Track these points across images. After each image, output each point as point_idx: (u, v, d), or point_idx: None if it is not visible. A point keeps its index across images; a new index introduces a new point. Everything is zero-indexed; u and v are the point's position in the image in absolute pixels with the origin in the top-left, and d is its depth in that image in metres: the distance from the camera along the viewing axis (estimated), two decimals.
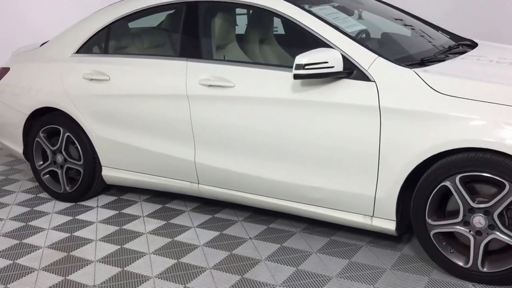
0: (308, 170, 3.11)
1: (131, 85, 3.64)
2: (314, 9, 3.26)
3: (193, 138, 3.46)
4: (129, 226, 3.71)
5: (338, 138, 2.96)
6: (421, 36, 3.60)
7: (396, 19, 3.75)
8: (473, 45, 3.61)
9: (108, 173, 3.95)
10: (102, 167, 3.97)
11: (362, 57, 2.93)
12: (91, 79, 3.80)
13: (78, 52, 3.97)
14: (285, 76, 3.10)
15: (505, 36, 4.72)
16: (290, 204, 3.28)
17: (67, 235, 3.63)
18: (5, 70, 4.36)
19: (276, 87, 3.11)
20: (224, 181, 3.45)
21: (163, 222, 3.74)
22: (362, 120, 2.87)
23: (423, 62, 3.02)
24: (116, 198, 4.22)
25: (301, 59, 2.86)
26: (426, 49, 3.36)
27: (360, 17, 3.77)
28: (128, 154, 3.77)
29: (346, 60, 2.92)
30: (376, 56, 2.92)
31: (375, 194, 2.94)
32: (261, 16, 3.71)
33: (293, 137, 3.09)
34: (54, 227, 3.76)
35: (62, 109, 3.96)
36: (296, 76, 2.89)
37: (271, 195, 3.32)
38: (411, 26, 3.70)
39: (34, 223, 3.85)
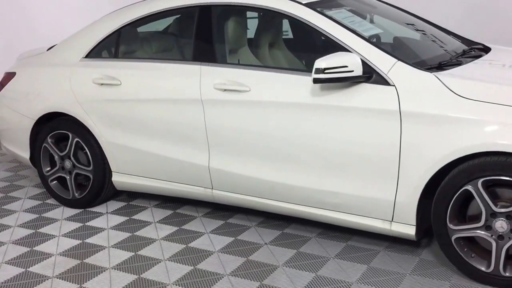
0: (326, 175, 3.09)
1: (143, 89, 3.60)
2: (330, 13, 3.25)
3: (207, 143, 3.42)
4: (141, 233, 3.66)
5: (358, 143, 2.94)
6: (433, 40, 3.59)
7: (408, 24, 3.74)
8: (485, 49, 3.60)
9: (119, 179, 3.91)
10: (112, 172, 3.92)
11: (382, 61, 2.91)
12: (101, 84, 3.75)
13: (87, 56, 3.92)
14: (302, 80, 3.08)
15: None
16: (306, 209, 3.25)
17: (78, 242, 3.58)
18: (11, 75, 4.31)
19: (294, 92, 3.09)
20: (239, 186, 3.42)
21: (176, 228, 3.70)
22: (382, 125, 2.85)
23: (441, 66, 3.01)
24: (125, 204, 4.18)
25: (320, 63, 2.84)
26: (440, 53, 3.35)
27: (371, 22, 3.76)
28: (139, 159, 3.73)
29: (364, 64, 2.91)
30: (396, 60, 2.91)
31: (394, 199, 2.93)
32: (277, 20, 3.69)
33: (311, 141, 3.07)
34: (65, 234, 3.71)
35: (71, 114, 3.92)
36: (315, 80, 2.87)
37: (287, 200, 3.29)
38: (422, 30, 3.70)
39: (44, 230, 3.80)
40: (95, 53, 3.91)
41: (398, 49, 3.56)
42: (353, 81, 2.90)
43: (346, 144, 2.97)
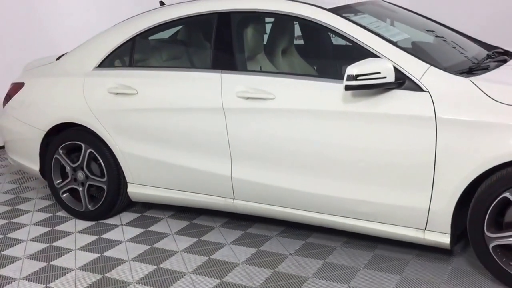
0: (356, 183, 3.02)
1: (161, 98, 3.51)
2: (355, 18, 3.19)
3: (229, 152, 3.34)
4: (160, 245, 3.57)
5: (391, 150, 2.88)
6: (454, 46, 3.55)
7: (428, 30, 3.69)
8: (506, 53, 3.57)
9: (134, 190, 3.81)
10: (128, 183, 3.82)
11: (414, 67, 2.86)
12: (117, 93, 3.66)
13: (100, 66, 3.82)
14: (330, 87, 3.02)
15: None
16: (335, 219, 3.18)
17: (96, 255, 3.47)
18: (19, 85, 4.19)
19: (322, 99, 3.03)
20: (263, 196, 3.34)
21: (195, 239, 3.61)
22: (417, 131, 2.80)
23: (471, 70, 2.97)
24: (139, 215, 4.07)
25: (352, 69, 2.78)
26: (463, 58, 3.31)
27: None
28: (157, 170, 3.64)
29: (396, 71, 2.85)
30: (429, 65, 2.86)
31: (429, 207, 2.87)
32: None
33: (341, 149, 3.00)
34: (81, 247, 3.60)
35: (84, 125, 3.81)
36: (347, 87, 2.81)
37: (315, 210, 3.22)
38: (442, 36, 3.65)
39: (58, 243, 3.68)
40: (108, 62, 3.82)
41: (421, 54, 3.51)
42: (385, 87, 2.84)
43: (379, 152, 2.91)
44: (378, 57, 2.93)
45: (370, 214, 3.06)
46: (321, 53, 3.69)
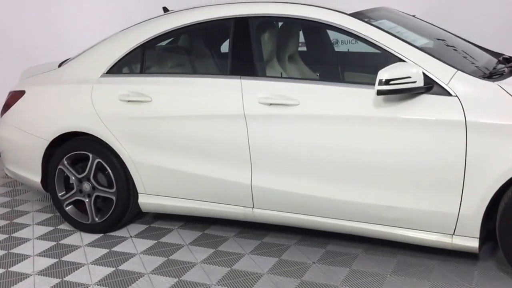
0: (384, 189, 3.01)
1: (177, 105, 3.43)
2: (376, 24, 3.19)
3: (249, 159, 3.28)
4: (176, 256, 3.47)
5: (420, 155, 2.88)
6: (466, 53, 3.58)
7: (438, 39, 3.71)
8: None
9: (146, 201, 3.70)
10: (139, 194, 3.71)
11: (441, 71, 2.87)
12: (129, 101, 3.55)
13: (109, 72, 3.71)
14: (358, 93, 3.00)
15: None
16: (360, 225, 3.16)
17: (111, 269, 3.35)
18: (20, 93, 4.03)
19: (349, 104, 3.01)
20: (284, 204, 3.29)
21: (211, 250, 3.52)
22: (447, 136, 2.80)
23: (491, 75, 3.00)
24: (147, 226, 3.96)
25: (384, 74, 2.77)
26: (477, 65, 3.33)
27: None
28: (171, 179, 3.54)
29: (424, 75, 2.85)
30: (456, 70, 2.88)
31: (458, 212, 2.87)
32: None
33: (369, 155, 2.98)
34: (94, 261, 3.47)
35: (92, 134, 3.69)
36: (379, 92, 2.79)
37: (339, 217, 3.19)
38: (453, 46, 3.67)
39: (68, 258, 3.54)
40: (117, 69, 3.71)
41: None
42: (414, 92, 2.84)
43: (408, 157, 2.90)
44: (404, 61, 2.92)
45: (398, 220, 3.04)
46: (344, 59, 3.67)
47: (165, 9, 4.20)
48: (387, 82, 2.77)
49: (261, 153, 3.24)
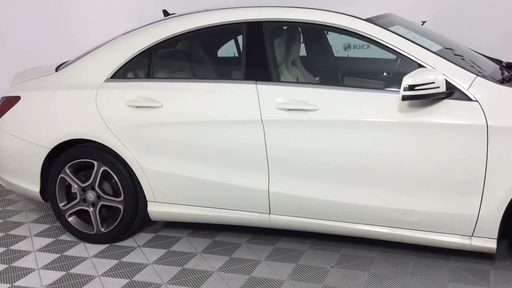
0: (404, 193, 3.04)
1: (189, 111, 3.36)
2: (392, 29, 3.21)
3: (267, 165, 3.25)
4: (191, 265, 3.41)
5: (441, 159, 2.92)
6: (472, 63, 3.62)
7: (446, 48, 3.73)
8: None
9: (156, 209, 3.61)
10: (148, 202, 3.62)
11: (461, 77, 2.92)
12: (137, 107, 3.46)
13: (113, 77, 3.60)
14: (379, 98, 3.02)
15: None
16: (377, 229, 3.18)
17: (125, 280, 3.26)
18: (14, 99, 3.86)
19: (369, 109, 3.02)
20: (302, 210, 3.28)
21: (226, 257, 3.48)
22: (468, 140, 2.85)
23: (504, 81, 3.07)
24: (154, 235, 3.88)
25: (409, 80, 2.80)
26: (487, 71, 3.37)
27: None
28: (183, 186, 3.47)
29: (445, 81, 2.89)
30: (475, 75, 2.93)
31: (478, 214, 2.93)
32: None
33: (389, 159, 3.00)
34: (104, 273, 3.37)
35: (97, 141, 3.58)
36: (404, 97, 2.82)
37: (357, 221, 3.20)
38: (460, 55, 3.70)
39: (76, 270, 3.42)
40: (122, 73, 3.61)
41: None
42: (437, 97, 2.88)
43: (430, 161, 2.94)
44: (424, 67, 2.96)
45: (417, 223, 3.08)
46: (363, 64, 3.67)
47: (165, 12, 4.11)
48: (412, 87, 2.79)
49: (279, 159, 3.22)
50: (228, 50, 3.74)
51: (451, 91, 2.90)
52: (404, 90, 2.81)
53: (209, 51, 3.81)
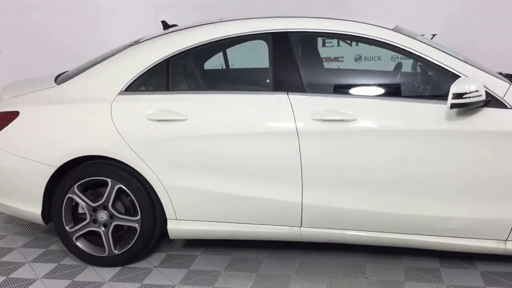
0: (441, 200, 3.08)
1: (217, 124, 3.24)
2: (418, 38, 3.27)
3: (301, 176, 3.19)
4: (220, 284, 3.27)
5: (482, 166, 2.99)
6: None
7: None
8: None
9: (177, 227, 3.43)
10: (168, 220, 3.43)
11: (497, 86, 3.02)
12: (159, 120, 3.29)
13: (127, 90, 3.41)
14: (416, 107, 3.06)
15: None
16: (412, 237, 3.20)
17: None
18: (12, 115, 3.55)
19: (408, 119, 3.04)
20: (337, 221, 3.24)
21: (253, 274, 3.37)
22: (506, 147, 2.94)
23: None
24: (166, 254, 3.69)
25: (457, 88, 2.86)
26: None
27: None
28: (210, 201, 3.33)
29: None
30: (509, 84, 3.04)
31: None
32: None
33: (431, 168, 3.04)
34: None
35: (113, 157, 3.36)
36: (452, 105, 2.87)
37: (394, 230, 3.20)
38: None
39: None
40: (137, 85, 3.42)
41: None
42: (478, 106, 2.95)
43: (467, 168, 3.00)
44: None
45: (453, 230, 3.13)
46: (398, 73, 3.67)
47: (164, 23, 3.96)
48: (460, 96, 2.84)
49: (314, 170, 3.16)
50: (251, 60, 3.64)
51: (488, 100, 2.98)
52: (453, 98, 2.85)
53: (231, 62, 3.69)
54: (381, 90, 3.33)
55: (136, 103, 3.35)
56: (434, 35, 4.08)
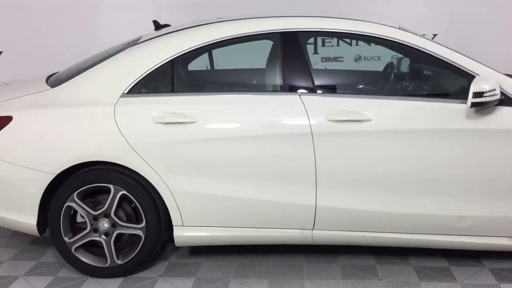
0: (456, 199, 3.08)
1: (229, 126, 3.13)
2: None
3: (315, 178, 3.12)
4: None
5: (500, 164, 3.00)
6: None
7: None
8: None
9: (183, 233, 3.29)
10: (174, 227, 3.30)
11: (509, 85, 3.05)
12: (167, 123, 3.16)
13: (130, 92, 3.25)
14: (431, 107, 3.05)
15: None
16: (431, 238, 3.19)
17: None
18: (4, 120, 3.32)
19: (424, 118, 3.03)
20: (351, 223, 3.19)
21: (265, 280, 3.27)
22: None
23: None
24: (168, 262, 3.55)
25: (478, 87, 2.87)
26: None
27: None
28: (220, 207, 3.21)
29: None
30: None
31: None
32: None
33: (448, 167, 3.04)
34: None
35: (118, 162, 3.19)
36: (473, 104, 2.88)
37: (409, 231, 3.18)
38: None
39: None
40: (140, 87, 3.27)
41: None
42: (495, 104, 2.96)
43: (483, 166, 3.02)
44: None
45: (467, 229, 3.13)
46: (410, 74, 3.65)
47: (156, 23, 3.83)
48: (480, 95, 2.85)
49: (329, 171, 3.11)
50: (259, 60, 3.54)
51: (502, 98, 3.00)
52: (473, 97, 2.86)
53: (238, 63, 3.59)
54: (396, 90, 3.31)
55: (141, 105, 3.21)
56: (435, 35, 4.10)
